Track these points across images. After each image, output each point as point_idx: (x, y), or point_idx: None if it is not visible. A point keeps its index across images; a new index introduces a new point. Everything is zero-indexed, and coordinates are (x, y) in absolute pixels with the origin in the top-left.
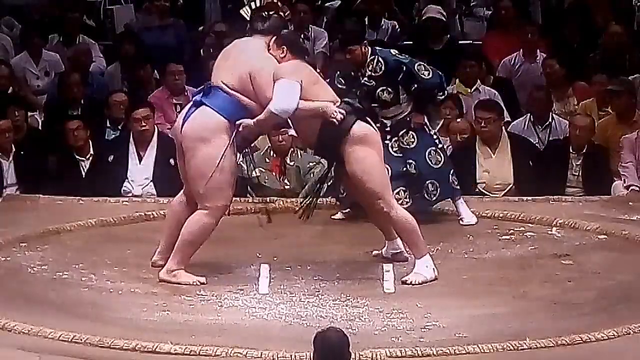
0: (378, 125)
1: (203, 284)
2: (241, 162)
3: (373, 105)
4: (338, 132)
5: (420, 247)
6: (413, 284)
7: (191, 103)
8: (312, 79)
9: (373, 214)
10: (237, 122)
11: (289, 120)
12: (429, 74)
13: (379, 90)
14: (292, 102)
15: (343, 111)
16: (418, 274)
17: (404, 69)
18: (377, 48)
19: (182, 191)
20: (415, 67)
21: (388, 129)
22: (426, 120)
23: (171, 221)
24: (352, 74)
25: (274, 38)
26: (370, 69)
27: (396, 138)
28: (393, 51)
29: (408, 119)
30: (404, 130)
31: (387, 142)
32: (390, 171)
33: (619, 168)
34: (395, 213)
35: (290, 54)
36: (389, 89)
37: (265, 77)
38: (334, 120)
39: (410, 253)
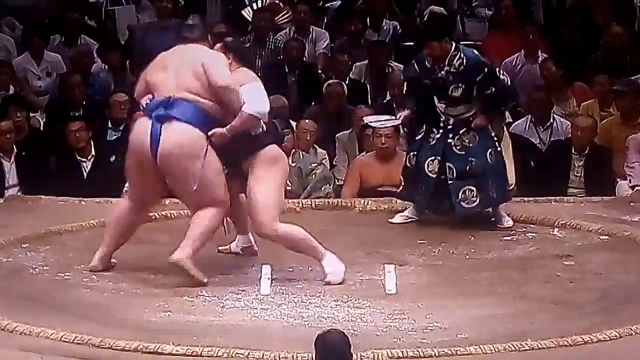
0: (440, 123)
1: (205, 284)
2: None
3: (441, 101)
4: (252, 144)
5: (318, 250)
6: (335, 284)
7: (152, 119)
8: None
9: (237, 211)
10: (210, 133)
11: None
12: (507, 81)
13: (452, 86)
14: (265, 102)
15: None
16: (332, 272)
17: (486, 70)
18: (461, 46)
19: (126, 197)
20: (496, 71)
21: (450, 126)
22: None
23: (116, 226)
24: (430, 65)
25: (220, 45)
26: (450, 64)
27: (458, 136)
28: (476, 51)
29: (470, 119)
30: (464, 130)
31: (449, 140)
32: (454, 171)
33: (625, 168)
34: (277, 234)
35: (235, 61)
36: (463, 87)
37: (219, 65)
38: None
39: None
